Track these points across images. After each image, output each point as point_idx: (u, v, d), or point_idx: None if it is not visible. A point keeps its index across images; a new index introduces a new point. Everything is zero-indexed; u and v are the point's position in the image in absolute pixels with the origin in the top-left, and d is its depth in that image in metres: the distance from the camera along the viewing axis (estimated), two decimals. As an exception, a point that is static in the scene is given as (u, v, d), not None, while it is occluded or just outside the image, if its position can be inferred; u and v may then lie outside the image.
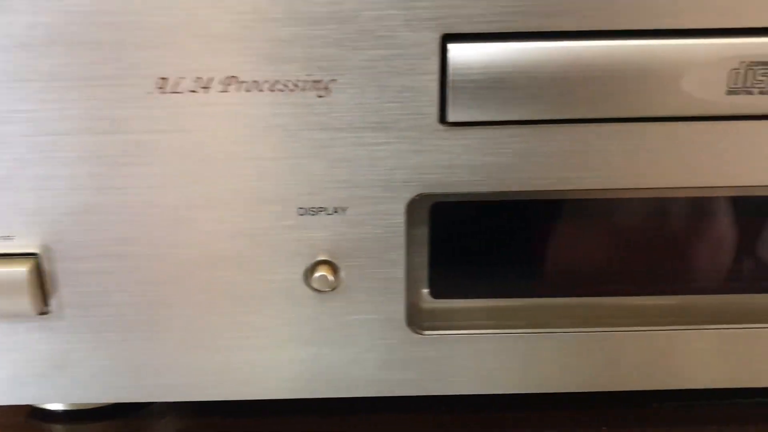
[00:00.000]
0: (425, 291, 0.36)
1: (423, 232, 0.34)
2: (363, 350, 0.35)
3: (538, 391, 0.37)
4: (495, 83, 0.29)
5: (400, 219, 0.32)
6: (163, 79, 0.30)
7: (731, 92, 0.30)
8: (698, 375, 0.37)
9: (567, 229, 0.35)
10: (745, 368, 0.37)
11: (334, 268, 0.33)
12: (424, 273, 0.35)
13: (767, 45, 0.29)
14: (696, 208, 0.35)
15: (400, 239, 0.33)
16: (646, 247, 0.36)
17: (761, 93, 0.30)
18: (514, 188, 0.32)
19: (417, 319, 0.35)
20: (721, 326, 0.36)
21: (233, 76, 0.30)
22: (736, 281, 0.37)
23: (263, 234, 0.32)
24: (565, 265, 0.36)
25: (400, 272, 0.33)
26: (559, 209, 0.34)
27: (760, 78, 0.30)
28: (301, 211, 0.32)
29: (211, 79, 0.30)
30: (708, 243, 0.36)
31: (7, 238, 0.32)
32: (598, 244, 0.35)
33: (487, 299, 0.36)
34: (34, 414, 0.40)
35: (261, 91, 0.30)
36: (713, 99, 0.30)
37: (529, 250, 0.35)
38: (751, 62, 0.29)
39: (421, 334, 0.35)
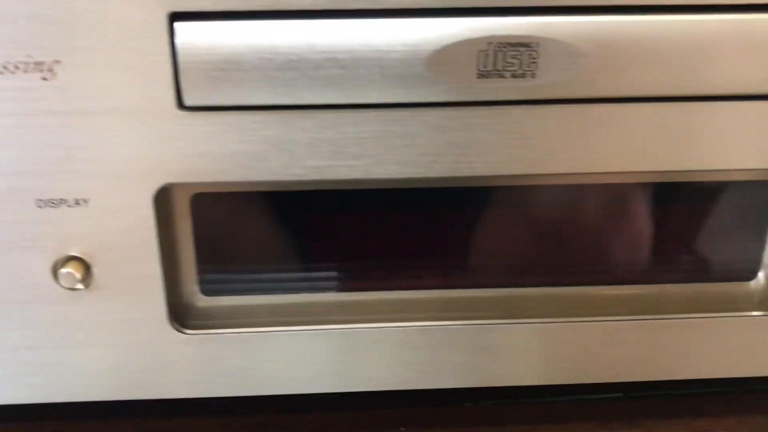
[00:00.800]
0: (197, 288, 0.34)
1: (188, 226, 0.32)
2: (127, 352, 0.33)
3: (324, 392, 0.35)
4: (228, 65, 0.28)
5: (147, 211, 0.30)
6: None
7: (482, 76, 0.28)
8: (520, 372, 0.36)
9: (342, 220, 0.33)
10: (567, 365, 0.36)
11: (84, 265, 0.31)
12: (192, 269, 0.33)
13: (514, 25, 0.28)
14: (484, 199, 0.34)
15: (151, 233, 0.31)
16: (434, 239, 0.34)
17: (514, 77, 0.28)
18: (267, 178, 0.30)
19: (186, 318, 0.33)
20: (544, 320, 0.35)
21: (-52, 58, 0.27)
22: (560, 274, 0.36)
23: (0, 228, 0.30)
24: (347, 258, 0.34)
25: (155, 268, 0.31)
26: (328, 199, 0.33)
27: (511, 60, 0.28)
28: (40, 203, 0.30)
29: (-76, 61, 0.28)
30: (522, 233, 0.35)
31: None
32: (374, 235, 0.34)
33: (265, 295, 0.34)
34: None
35: (-20, 73, 0.28)
36: (464, 83, 0.28)
37: (305, 243, 0.34)
38: (500, 43, 0.28)
39: (185, 334, 0.33)
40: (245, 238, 0.33)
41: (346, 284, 0.35)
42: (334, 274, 0.34)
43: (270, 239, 0.33)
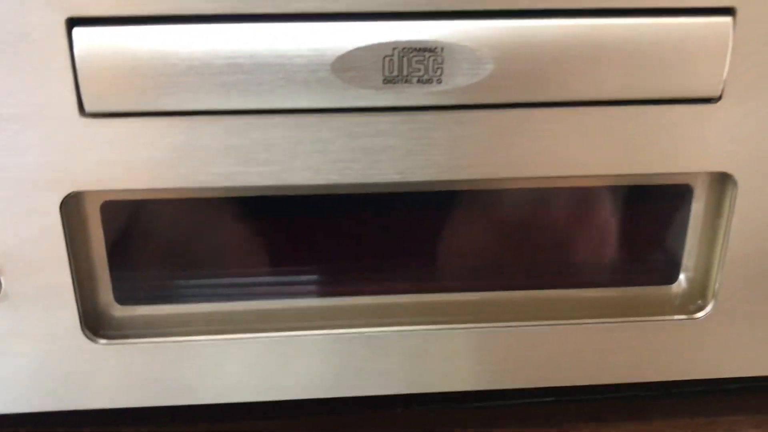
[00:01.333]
0: (111, 297, 0.33)
1: (100, 234, 0.32)
2: (42, 362, 0.32)
3: (247, 401, 0.34)
4: (129, 71, 0.27)
5: (55, 219, 0.30)
6: None
7: (388, 81, 0.28)
8: (448, 378, 0.36)
9: (257, 226, 0.33)
10: (494, 370, 0.35)
11: (-7, 274, 0.30)
12: (107, 278, 0.33)
13: (418, 30, 0.27)
14: (399, 205, 0.33)
15: (59, 241, 0.30)
16: (356, 245, 0.34)
17: (420, 82, 0.28)
18: (176, 185, 0.29)
19: (101, 328, 0.33)
20: (471, 326, 0.34)
21: None
22: (485, 279, 0.35)
23: None
24: (266, 265, 0.34)
25: (66, 277, 0.31)
26: (242, 206, 0.32)
27: (417, 66, 0.28)
28: (-58, 211, 0.29)
29: None
30: (441, 238, 0.34)
31: None
32: (291, 241, 0.33)
33: (183, 304, 0.34)
34: None
35: None
36: (370, 89, 0.28)
37: (221, 250, 0.33)
38: (404, 48, 0.27)
39: (99, 344, 0.32)
40: (159, 246, 0.33)
41: (266, 291, 0.34)
42: (252, 280, 0.34)
43: (184, 247, 0.33)
